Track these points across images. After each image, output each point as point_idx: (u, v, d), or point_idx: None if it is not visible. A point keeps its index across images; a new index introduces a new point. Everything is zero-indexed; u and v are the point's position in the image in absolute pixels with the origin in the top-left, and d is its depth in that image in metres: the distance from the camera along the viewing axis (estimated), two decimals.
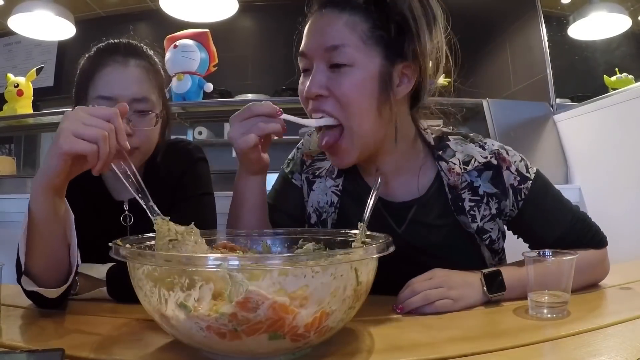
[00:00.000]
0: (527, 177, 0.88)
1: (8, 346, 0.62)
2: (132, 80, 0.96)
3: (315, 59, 0.81)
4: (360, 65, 0.79)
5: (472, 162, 0.88)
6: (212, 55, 2.44)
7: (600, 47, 2.72)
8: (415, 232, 0.90)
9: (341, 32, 0.79)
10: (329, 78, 0.80)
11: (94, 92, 0.94)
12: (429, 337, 0.65)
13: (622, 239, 1.83)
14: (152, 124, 0.98)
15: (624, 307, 0.77)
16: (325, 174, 0.98)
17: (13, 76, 2.62)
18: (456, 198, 0.88)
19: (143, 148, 0.97)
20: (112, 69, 0.95)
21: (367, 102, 0.80)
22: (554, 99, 2.46)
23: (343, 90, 0.79)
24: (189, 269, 0.52)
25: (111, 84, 0.94)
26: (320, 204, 0.97)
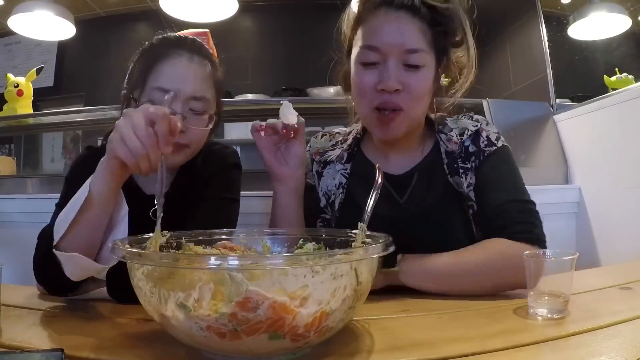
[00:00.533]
0: (494, 143, 0.98)
1: (8, 346, 0.62)
2: (194, 77, 0.95)
3: (391, 56, 0.90)
4: (428, 67, 0.93)
5: (466, 133, 1.00)
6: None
7: (600, 47, 2.72)
8: (414, 200, 1.00)
9: (418, 36, 0.91)
10: (404, 75, 0.91)
11: (154, 81, 0.92)
12: (429, 337, 0.65)
13: (622, 239, 1.84)
14: (205, 124, 0.97)
15: (624, 307, 0.77)
16: (335, 159, 1.08)
17: (13, 76, 2.62)
18: (452, 161, 0.99)
19: (192, 147, 0.96)
20: (176, 62, 0.94)
21: (428, 95, 0.96)
22: (554, 99, 2.46)
23: (417, 87, 0.92)
24: (189, 269, 0.52)
25: (173, 77, 0.92)
26: (329, 187, 1.06)
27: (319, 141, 1.15)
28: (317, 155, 1.12)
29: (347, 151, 1.08)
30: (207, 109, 0.96)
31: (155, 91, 0.91)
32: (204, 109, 0.96)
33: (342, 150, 1.09)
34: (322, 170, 1.09)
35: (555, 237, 2.20)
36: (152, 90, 0.92)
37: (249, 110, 2.70)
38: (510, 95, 2.91)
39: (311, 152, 1.13)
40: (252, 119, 0.96)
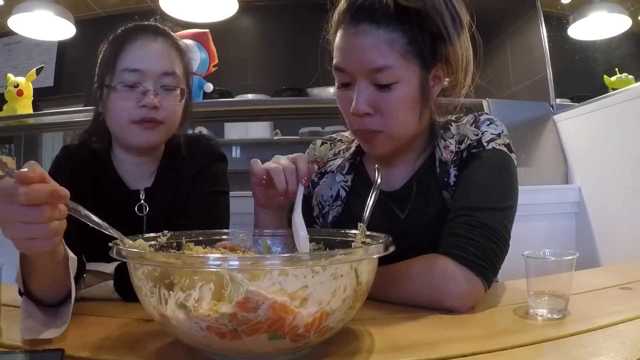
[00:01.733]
0: (482, 144, 0.87)
1: (8, 346, 0.62)
2: (162, 54, 0.97)
3: (359, 77, 0.82)
4: (403, 81, 0.81)
5: (465, 141, 0.89)
6: (212, 55, 2.43)
7: (600, 47, 2.72)
8: (415, 215, 0.92)
9: (383, 52, 0.79)
10: (375, 96, 0.82)
11: (122, 63, 0.94)
12: (429, 337, 0.65)
13: (622, 239, 1.84)
14: (178, 99, 0.99)
15: (624, 307, 0.77)
16: (336, 169, 1.01)
17: (13, 76, 2.62)
18: (444, 173, 0.89)
19: (168, 123, 0.97)
20: (142, 43, 0.96)
21: (411, 112, 0.85)
22: (554, 99, 2.46)
23: (390, 108, 0.82)
24: (189, 269, 0.52)
25: (141, 57, 0.95)
26: (324, 198, 1.00)
27: (319, 149, 1.08)
28: (322, 164, 1.05)
29: (349, 161, 1.01)
30: (177, 84, 0.98)
31: (124, 72, 0.94)
32: (175, 84, 0.98)
33: (344, 159, 1.01)
34: (319, 180, 1.03)
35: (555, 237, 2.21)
36: (122, 72, 0.94)
37: (249, 110, 2.70)
38: (510, 95, 2.92)
39: (308, 159, 1.05)
40: (252, 119, 0.97)
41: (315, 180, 1.04)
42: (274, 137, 3.55)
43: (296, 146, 3.61)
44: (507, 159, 0.87)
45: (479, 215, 0.78)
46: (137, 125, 0.94)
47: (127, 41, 0.96)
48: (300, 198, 0.80)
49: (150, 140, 0.97)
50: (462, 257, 0.75)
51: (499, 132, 0.90)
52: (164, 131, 0.98)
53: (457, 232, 0.78)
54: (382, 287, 0.78)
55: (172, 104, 0.97)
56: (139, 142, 0.96)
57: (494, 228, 0.78)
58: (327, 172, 1.03)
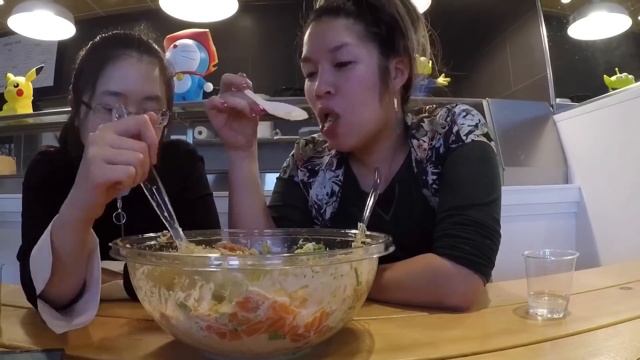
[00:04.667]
0: (461, 138, 0.86)
1: (8, 346, 0.62)
2: (146, 77, 0.91)
3: (320, 61, 0.88)
4: (362, 61, 0.86)
5: (435, 137, 0.90)
6: (212, 55, 2.43)
7: (600, 47, 2.72)
8: (399, 217, 0.94)
9: (341, 33, 0.87)
10: (335, 76, 0.87)
11: (103, 85, 0.88)
12: (429, 337, 0.65)
13: (622, 239, 1.84)
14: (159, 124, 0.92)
15: (624, 307, 0.77)
16: (325, 167, 1.02)
17: (13, 76, 2.62)
18: (421, 172, 0.91)
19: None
20: (126, 64, 0.89)
21: (370, 94, 0.87)
22: (554, 99, 2.46)
23: (350, 85, 0.86)
24: (189, 269, 0.52)
25: (124, 80, 0.88)
26: (319, 197, 1.01)
27: (302, 148, 1.08)
28: (301, 162, 1.06)
29: (336, 157, 1.02)
30: (160, 107, 0.93)
31: (105, 95, 0.88)
32: (159, 108, 0.92)
33: (331, 156, 1.02)
34: (310, 180, 1.03)
35: (555, 237, 2.21)
36: (103, 95, 0.88)
37: None
38: (510, 95, 2.92)
39: (295, 157, 1.08)
40: None
41: (306, 180, 1.04)
42: (274, 137, 3.54)
43: None
44: (487, 148, 0.87)
45: (469, 212, 0.79)
46: None
47: (110, 59, 0.89)
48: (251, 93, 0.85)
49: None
50: (460, 257, 0.76)
51: (476, 123, 0.89)
52: None
53: (451, 233, 0.79)
54: (382, 289, 0.79)
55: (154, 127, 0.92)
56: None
57: (486, 224, 0.79)
58: (317, 171, 1.03)
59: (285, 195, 1.05)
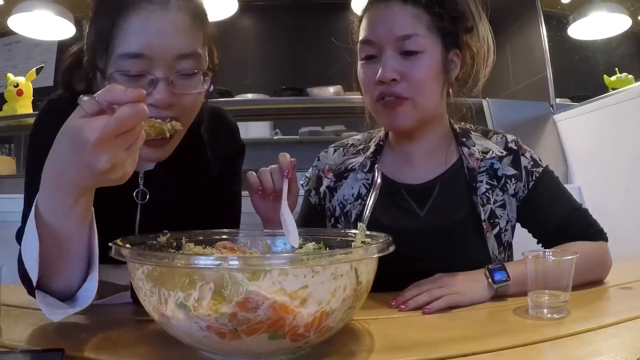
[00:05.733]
0: (539, 163, 0.99)
1: (8, 346, 0.62)
2: (176, 29, 0.69)
3: (386, 47, 0.89)
4: (428, 52, 0.89)
5: (489, 153, 0.98)
6: None
7: (600, 47, 2.72)
8: (435, 214, 0.96)
9: (411, 22, 0.88)
10: (401, 63, 0.88)
11: (121, 46, 0.68)
12: (429, 337, 0.65)
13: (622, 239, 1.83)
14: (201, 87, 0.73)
15: (624, 307, 0.77)
16: (358, 167, 1.03)
17: (13, 76, 2.62)
18: (472, 179, 0.96)
19: (185, 121, 0.73)
20: (147, 13, 0.68)
21: (434, 83, 0.91)
22: (554, 99, 2.46)
23: (416, 74, 0.88)
24: (189, 269, 0.52)
25: (145, 35, 0.67)
26: (345, 197, 1.02)
27: (331, 157, 1.09)
28: (328, 172, 1.06)
29: (370, 159, 1.03)
30: (199, 67, 0.72)
31: (123, 59, 0.67)
32: (196, 68, 0.72)
33: (366, 158, 1.03)
34: (337, 184, 1.04)
35: None
36: (120, 59, 0.68)
37: (249, 110, 2.70)
38: (510, 95, 2.92)
39: (319, 167, 1.08)
40: (252, 119, 0.96)
41: (332, 185, 1.05)
42: (273, 137, 3.54)
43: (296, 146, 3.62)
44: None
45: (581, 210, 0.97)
46: None
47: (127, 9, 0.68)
48: (285, 191, 0.82)
49: (158, 157, 0.75)
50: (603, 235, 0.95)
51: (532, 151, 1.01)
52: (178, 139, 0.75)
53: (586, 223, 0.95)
54: None
55: (192, 96, 0.72)
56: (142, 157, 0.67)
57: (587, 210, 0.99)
58: (349, 171, 1.04)
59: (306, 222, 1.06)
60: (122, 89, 0.51)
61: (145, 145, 0.60)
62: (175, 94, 0.69)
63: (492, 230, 0.94)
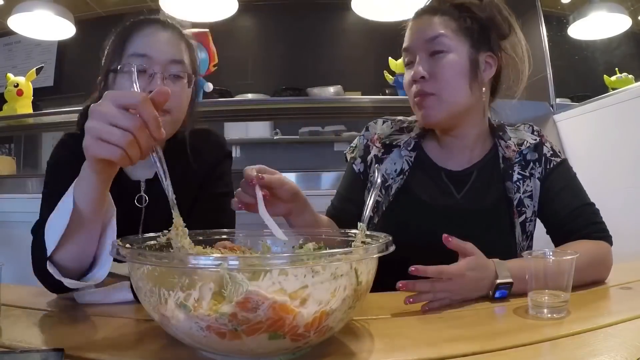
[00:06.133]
0: (558, 154, 1.08)
1: (8, 346, 0.62)
2: (170, 42, 0.96)
3: (418, 51, 1.00)
4: (453, 50, 0.99)
5: (524, 144, 1.07)
6: (212, 55, 2.43)
7: (600, 47, 2.72)
8: (470, 198, 1.05)
9: (437, 26, 0.99)
10: (429, 64, 0.99)
11: (130, 49, 0.93)
12: (429, 337, 0.65)
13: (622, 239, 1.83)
14: (186, 88, 0.98)
15: (624, 307, 0.77)
16: (402, 145, 1.11)
17: (13, 76, 2.62)
18: (507, 168, 1.05)
19: (174, 113, 0.95)
20: (151, 30, 0.96)
21: (459, 78, 0.99)
22: (554, 99, 2.46)
23: (442, 71, 0.98)
24: (188, 269, 0.52)
25: (148, 44, 0.94)
26: (388, 171, 1.09)
27: (380, 127, 1.16)
28: (376, 142, 1.13)
29: (414, 139, 1.10)
30: (185, 71, 0.97)
31: (132, 57, 0.92)
32: (183, 72, 0.96)
33: (410, 137, 1.11)
34: (384, 155, 1.11)
35: None
36: (130, 57, 0.93)
37: (249, 110, 2.70)
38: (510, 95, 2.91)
39: (367, 137, 1.14)
40: (252, 119, 0.97)
41: (380, 155, 1.11)
42: (273, 137, 3.55)
43: (296, 145, 3.62)
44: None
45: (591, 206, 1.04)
46: None
47: (135, 30, 0.96)
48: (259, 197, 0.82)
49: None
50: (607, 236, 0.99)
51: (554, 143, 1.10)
52: (169, 123, 0.94)
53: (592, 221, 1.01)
54: None
55: (180, 92, 0.95)
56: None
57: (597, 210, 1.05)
58: (394, 146, 1.11)
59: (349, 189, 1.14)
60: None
61: None
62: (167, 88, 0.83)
63: (519, 217, 1.02)
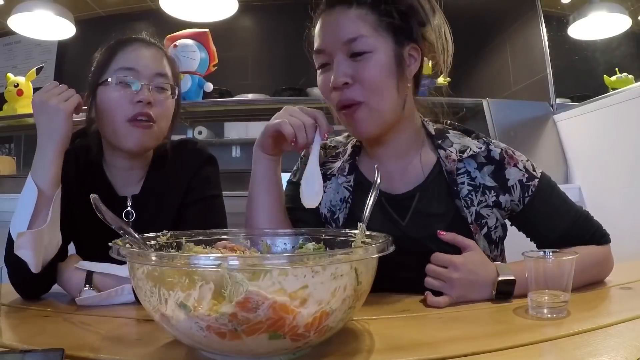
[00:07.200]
0: (534, 175, 0.93)
1: (8, 346, 0.62)
2: (155, 57, 1.02)
3: (335, 53, 0.88)
4: (378, 50, 0.87)
5: (467, 152, 0.94)
6: (212, 55, 2.44)
7: (600, 47, 2.72)
8: (418, 224, 0.93)
9: (355, 24, 0.87)
10: (351, 67, 0.87)
11: (117, 64, 0.98)
12: (429, 337, 0.65)
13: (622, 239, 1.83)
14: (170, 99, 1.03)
15: (624, 307, 0.77)
16: (337, 172, 1.01)
17: (13, 76, 2.62)
18: (452, 182, 0.92)
19: (159, 124, 1.00)
20: (137, 46, 1.01)
21: (389, 81, 0.88)
22: (554, 99, 2.46)
23: (368, 74, 0.86)
24: (189, 269, 0.52)
25: (135, 58, 0.99)
26: (333, 202, 1.00)
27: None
28: None
29: (348, 162, 1.01)
30: (169, 86, 1.02)
31: (120, 71, 0.97)
32: (168, 84, 1.02)
33: (343, 161, 1.01)
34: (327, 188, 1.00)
35: None
36: (117, 71, 0.98)
37: (249, 110, 2.70)
38: (510, 95, 2.92)
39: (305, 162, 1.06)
40: (252, 119, 0.97)
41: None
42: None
43: None
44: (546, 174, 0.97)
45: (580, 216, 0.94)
46: (130, 125, 0.96)
47: (121, 47, 1.01)
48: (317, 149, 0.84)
49: (143, 141, 0.98)
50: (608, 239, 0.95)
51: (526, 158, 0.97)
52: (155, 133, 0.99)
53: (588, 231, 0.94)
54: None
55: (165, 103, 1.00)
56: (132, 143, 0.97)
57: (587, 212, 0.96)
58: (330, 176, 1.02)
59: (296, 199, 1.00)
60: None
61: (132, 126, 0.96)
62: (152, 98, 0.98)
63: (480, 231, 0.92)
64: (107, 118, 0.97)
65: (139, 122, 0.96)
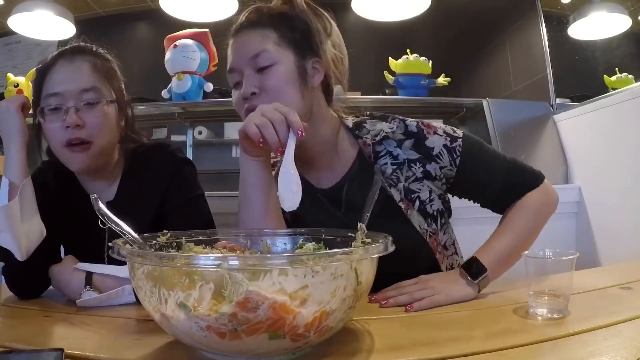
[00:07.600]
0: (456, 136, 0.99)
1: (8, 346, 0.62)
2: (78, 73, 0.98)
3: (244, 69, 0.95)
4: (280, 62, 0.94)
5: (380, 134, 1.00)
6: (212, 55, 2.43)
7: (600, 47, 2.72)
8: (353, 211, 0.93)
9: (260, 41, 0.95)
10: (258, 79, 0.94)
11: (45, 91, 0.97)
12: (429, 337, 0.65)
13: (622, 239, 1.84)
14: (104, 113, 0.98)
15: (624, 307, 0.77)
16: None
17: (13, 76, 2.62)
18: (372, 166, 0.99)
19: (97, 141, 0.97)
20: (58, 67, 0.98)
21: (291, 89, 0.95)
22: (554, 99, 2.46)
23: (271, 84, 0.93)
24: (189, 269, 0.52)
25: (58, 81, 0.97)
26: None
27: None
28: None
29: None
30: (100, 98, 0.98)
31: (47, 98, 0.97)
32: (98, 99, 0.98)
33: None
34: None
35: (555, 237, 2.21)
36: (45, 99, 0.97)
37: None
38: (510, 95, 2.91)
39: None
40: None
41: None
42: None
43: None
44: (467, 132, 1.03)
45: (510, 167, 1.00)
46: (67, 149, 0.96)
47: (47, 70, 0.99)
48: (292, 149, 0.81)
49: (83, 163, 0.97)
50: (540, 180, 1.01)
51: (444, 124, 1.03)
52: (95, 151, 0.97)
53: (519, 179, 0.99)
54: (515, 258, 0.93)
55: (99, 118, 0.97)
56: (75, 166, 0.98)
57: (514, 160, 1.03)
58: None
59: None
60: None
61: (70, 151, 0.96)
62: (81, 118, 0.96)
63: (413, 206, 0.97)
64: (50, 144, 1.00)
65: (75, 147, 0.95)
